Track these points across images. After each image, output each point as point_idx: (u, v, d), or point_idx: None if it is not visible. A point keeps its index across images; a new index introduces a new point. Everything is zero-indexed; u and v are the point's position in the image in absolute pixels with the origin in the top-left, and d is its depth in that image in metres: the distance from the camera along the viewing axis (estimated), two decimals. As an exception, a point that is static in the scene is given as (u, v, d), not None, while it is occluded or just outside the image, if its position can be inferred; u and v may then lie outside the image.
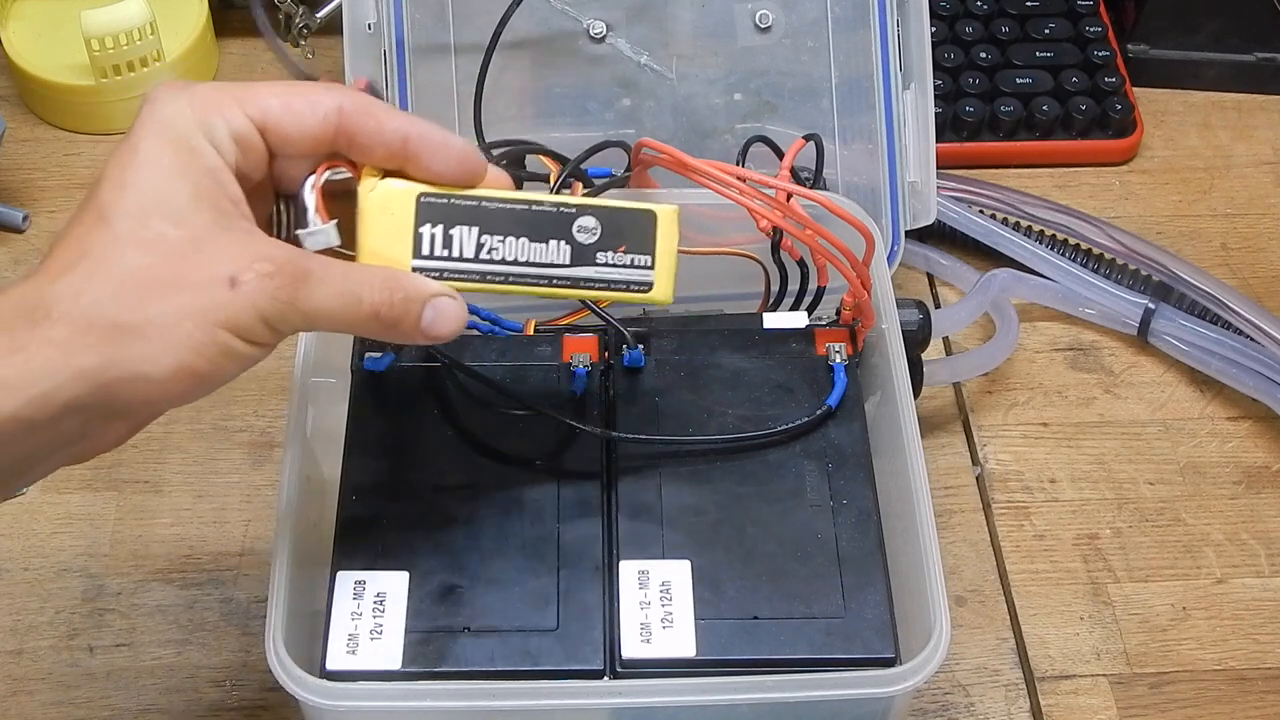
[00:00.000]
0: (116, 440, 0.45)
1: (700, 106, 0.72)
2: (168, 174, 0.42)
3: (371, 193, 0.46)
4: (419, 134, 0.45)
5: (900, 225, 0.73)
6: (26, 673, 0.63)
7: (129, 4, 0.80)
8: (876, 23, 0.72)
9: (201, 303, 0.41)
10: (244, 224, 0.43)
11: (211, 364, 0.42)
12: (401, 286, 0.45)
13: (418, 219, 0.46)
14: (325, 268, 0.44)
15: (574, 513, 0.55)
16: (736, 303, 0.66)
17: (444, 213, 0.46)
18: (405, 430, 0.57)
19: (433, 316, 0.45)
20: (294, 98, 0.44)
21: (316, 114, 0.44)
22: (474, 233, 0.47)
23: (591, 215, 0.48)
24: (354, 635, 0.51)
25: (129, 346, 0.40)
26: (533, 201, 0.47)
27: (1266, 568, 0.68)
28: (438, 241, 0.46)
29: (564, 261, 0.48)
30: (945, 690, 0.64)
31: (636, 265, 0.48)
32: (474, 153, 0.47)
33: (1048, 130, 0.85)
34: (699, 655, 0.51)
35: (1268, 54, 0.89)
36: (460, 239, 0.47)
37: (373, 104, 0.45)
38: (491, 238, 0.47)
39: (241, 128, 0.43)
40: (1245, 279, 0.80)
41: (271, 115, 0.44)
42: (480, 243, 0.47)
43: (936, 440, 0.73)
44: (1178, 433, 0.73)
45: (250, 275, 0.41)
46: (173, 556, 0.67)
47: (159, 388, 0.41)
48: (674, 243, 0.49)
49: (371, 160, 0.46)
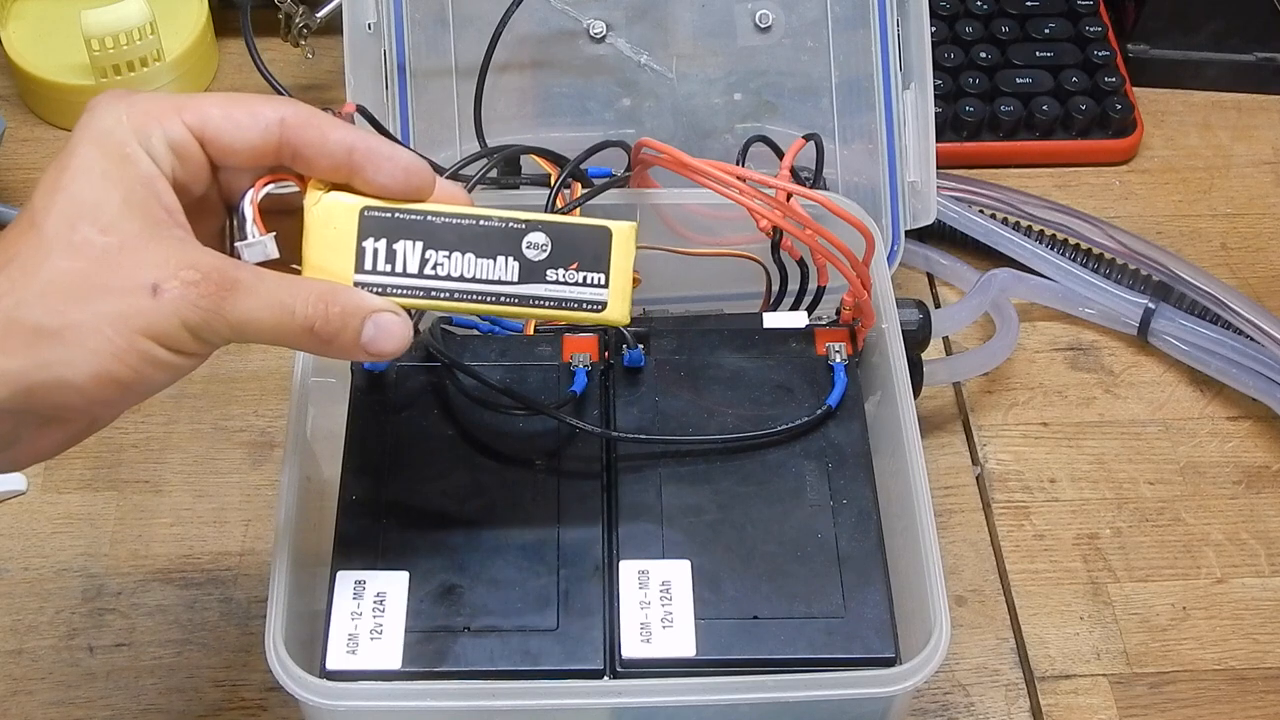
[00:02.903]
0: (53, 447, 0.45)
1: (700, 106, 0.72)
2: (99, 181, 0.41)
3: (315, 206, 0.45)
4: (364, 146, 0.44)
5: (900, 225, 0.73)
6: (26, 673, 0.63)
7: (129, 4, 0.80)
8: (876, 23, 0.72)
9: (122, 309, 0.40)
10: (177, 232, 0.42)
11: (134, 371, 0.41)
12: (339, 300, 0.44)
13: (360, 233, 0.45)
14: (257, 278, 0.43)
15: (574, 513, 0.55)
16: (736, 303, 0.66)
17: (387, 227, 0.45)
18: (405, 430, 0.57)
19: (374, 333, 0.44)
20: (235, 108, 0.43)
21: (258, 124, 0.43)
22: (418, 248, 0.45)
23: (541, 231, 0.46)
24: (354, 635, 0.51)
25: (48, 350, 0.40)
26: (480, 216, 0.46)
27: (1266, 568, 0.68)
28: (380, 256, 0.45)
29: (512, 279, 0.46)
30: (945, 690, 0.64)
31: (589, 284, 0.47)
32: (421, 166, 0.46)
33: (1048, 130, 0.85)
34: (699, 655, 0.51)
35: (1268, 54, 0.89)
36: (404, 254, 0.45)
37: (316, 115, 0.44)
38: (437, 253, 0.46)
39: (179, 136, 0.43)
40: (1245, 279, 0.80)
41: (211, 125, 0.43)
42: (425, 258, 0.46)
43: (936, 440, 0.73)
44: (1178, 433, 0.73)
45: (174, 283, 0.41)
46: (173, 556, 0.67)
47: (79, 393, 0.41)
48: (629, 261, 0.47)
49: (316, 173, 0.45)
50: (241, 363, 0.74)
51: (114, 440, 0.71)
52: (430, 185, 0.46)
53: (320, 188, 0.45)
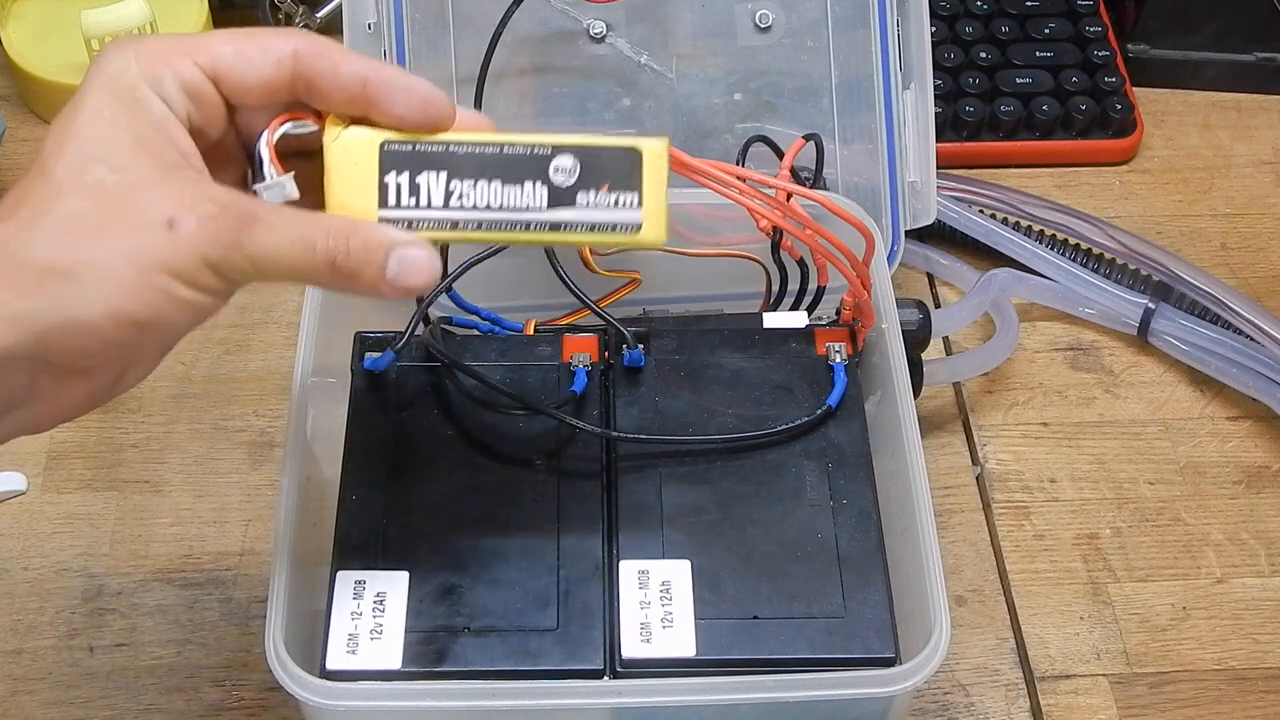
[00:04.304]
0: (75, 404, 0.43)
1: (700, 106, 0.72)
2: (109, 125, 0.40)
3: (335, 142, 0.43)
4: (379, 78, 0.43)
5: (900, 225, 0.73)
6: (26, 673, 0.63)
7: (129, 4, 0.80)
8: (876, 23, 0.72)
9: (138, 244, 0.39)
10: (191, 173, 0.41)
11: (151, 309, 0.39)
12: (360, 234, 0.42)
13: (382, 168, 0.44)
14: (276, 213, 0.41)
15: (574, 513, 0.55)
16: (736, 303, 0.66)
17: (409, 160, 0.44)
18: (405, 430, 0.57)
19: (398, 268, 0.42)
20: (246, 43, 0.42)
21: (269, 59, 0.42)
22: (442, 178, 0.44)
23: (569, 154, 0.44)
24: (354, 635, 0.51)
25: (60, 289, 0.39)
26: (504, 144, 0.44)
27: (1266, 568, 0.68)
28: (404, 191, 0.44)
29: (541, 205, 0.44)
30: (945, 690, 0.64)
31: (622, 205, 0.44)
32: (439, 97, 0.44)
33: (1048, 130, 0.85)
34: (699, 655, 0.51)
35: (1268, 54, 0.89)
36: (427, 186, 0.44)
37: (329, 46, 0.43)
38: (461, 183, 0.44)
39: (191, 77, 0.42)
40: (1245, 279, 0.80)
41: (223, 62, 0.42)
42: (449, 189, 0.44)
43: (936, 440, 0.73)
44: (1178, 433, 0.73)
45: (190, 217, 0.39)
46: (173, 556, 0.67)
47: (95, 334, 0.39)
48: (663, 180, 0.45)
49: (332, 106, 0.44)
50: (241, 363, 0.74)
51: (114, 440, 0.71)
52: (450, 116, 0.44)
53: (339, 123, 0.44)
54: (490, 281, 0.61)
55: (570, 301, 0.59)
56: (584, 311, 0.60)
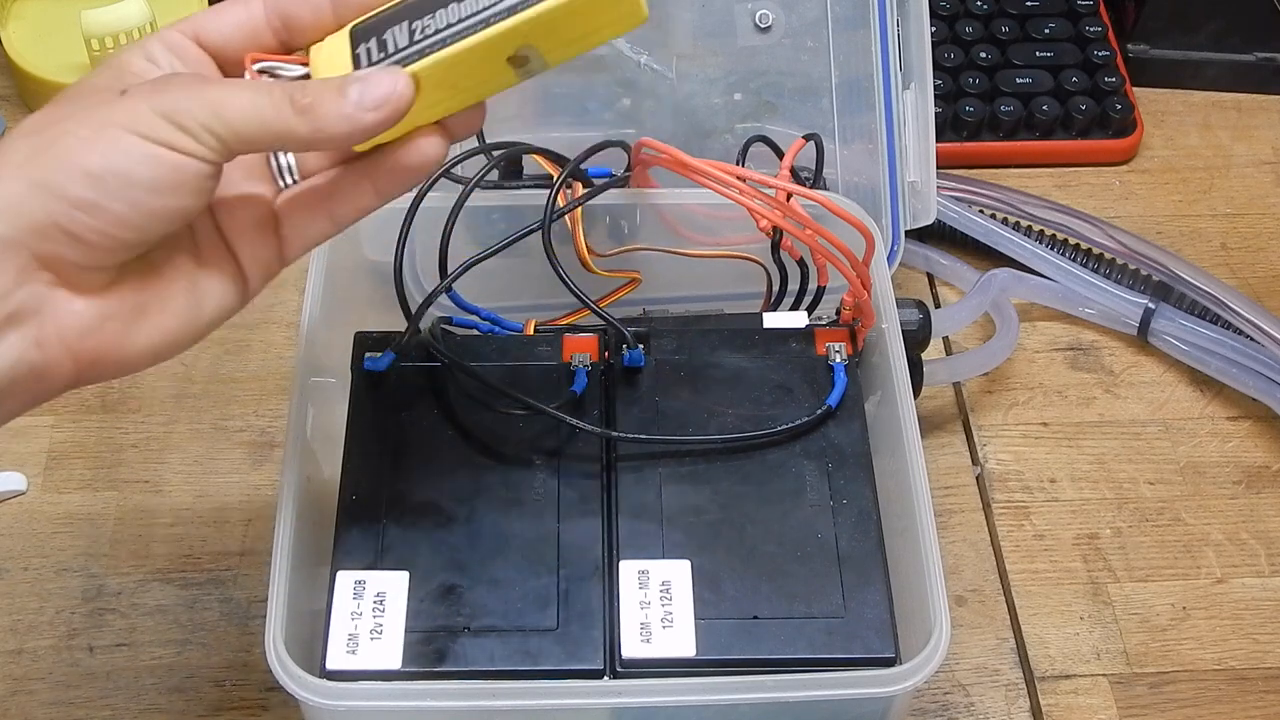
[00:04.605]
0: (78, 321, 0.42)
1: (700, 106, 0.72)
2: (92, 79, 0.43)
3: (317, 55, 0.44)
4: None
5: (900, 225, 0.73)
6: (26, 673, 0.63)
7: (129, 4, 0.80)
8: (876, 23, 0.72)
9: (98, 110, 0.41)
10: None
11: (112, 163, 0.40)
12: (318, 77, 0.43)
13: (353, 46, 0.44)
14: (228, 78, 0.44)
15: (574, 513, 0.55)
16: (736, 303, 0.66)
17: (374, 28, 0.44)
18: (405, 430, 0.57)
19: (360, 91, 0.41)
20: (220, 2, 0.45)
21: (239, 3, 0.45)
22: (404, 26, 0.43)
23: None
24: (354, 635, 0.51)
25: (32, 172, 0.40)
26: None
27: (1266, 568, 0.68)
28: (373, 52, 0.43)
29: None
30: (945, 690, 0.64)
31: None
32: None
33: (1048, 130, 0.85)
34: (699, 655, 0.51)
35: (1268, 54, 0.89)
36: (393, 37, 0.43)
37: None
38: (424, 19, 0.43)
39: (174, 39, 0.44)
40: (1245, 279, 0.80)
41: (198, 20, 0.45)
42: (413, 29, 0.43)
43: (936, 440, 0.73)
44: (1178, 433, 0.73)
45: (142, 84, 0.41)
46: (173, 556, 0.67)
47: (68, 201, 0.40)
48: None
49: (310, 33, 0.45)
50: (241, 363, 0.74)
51: (114, 440, 0.71)
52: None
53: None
54: (490, 281, 0.61)
55: (570, 301, 0.59)
56: (584, 311, 0.60)
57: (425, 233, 0.60)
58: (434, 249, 0.59)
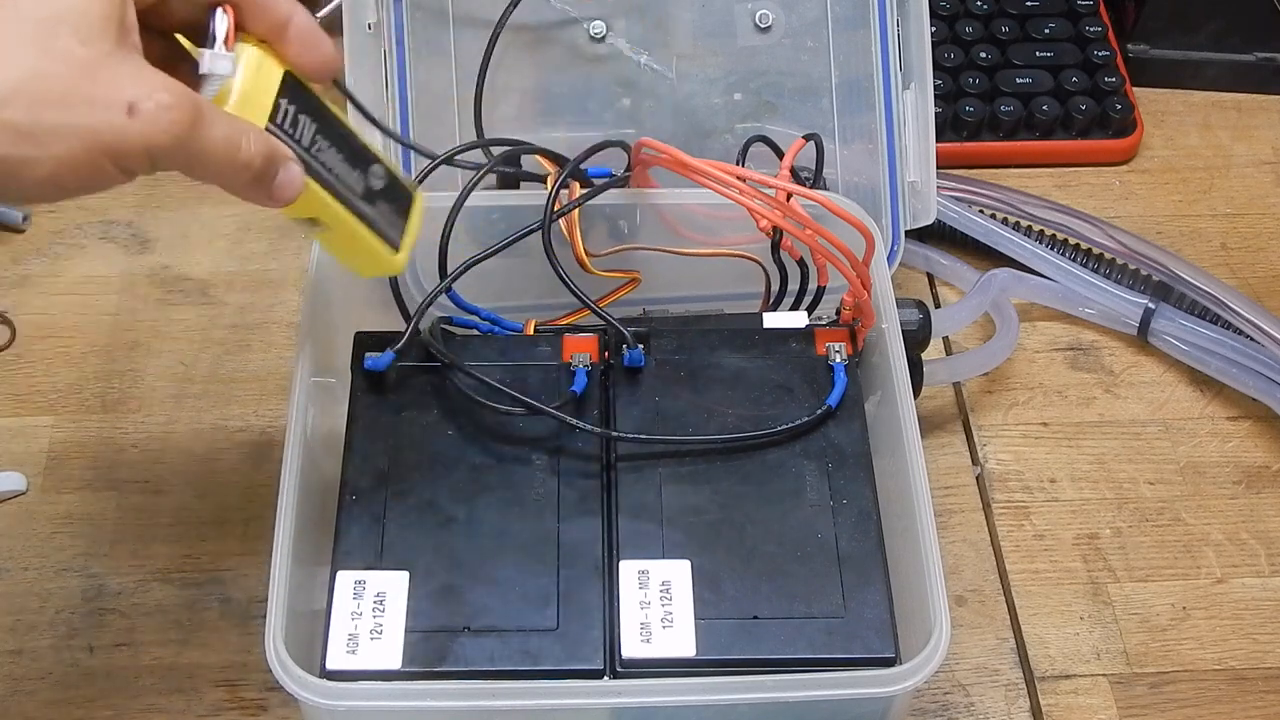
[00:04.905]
0: None
1: (700, 106, 0.72)
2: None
3: (252, 47, 0.48)
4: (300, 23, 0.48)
5: (900, 225, 0.73)
6: (26, 673, 0.63)
7: (129, 4, 0.80)
8: (876, 23, 0.72)
9: (96, 124, 0.42)
10: (138, 54, 0.44)
11: (82, 183, 0.43)
12: (270, 144, 0.47)
13: (280, 91, 0.48)
14: (214, 110, 0.45)
15: (574, 513, 0.55)
16: (736, 303, 0.66)
17: (299, 97, 0.49)
18: (405, 430, 0.57)
19: (285, 178, 0.47)
20: None
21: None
22: (313, 126, 0.50)
23: (381, 167, 0.52)
24: (354, 635, 0.51)
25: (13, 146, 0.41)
26: (356, 133, 0.52)
27: (1266, 568, 0.68)
28: (288, 118, 0.49)
29: (359, 191, 0.51)
30: (945, 690, 0.64)
31: (395, 227, 0.53)
32: (337, 59, 0.50)
33: (1048, 130, 0.85)
34: (699, 655, 0.51)
35: (1268, 54, 0.89)
36: (303, 125, 0.49)
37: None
38: (322, 139, 0.50)
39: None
40: (1245, 279, 0.80)
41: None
42: (314, 138, 0.50)
43: (936, 440, 0.73)
44: (1178, 433, 0.73)
45: (149, 104, 0.42)
46: (173, 556, 0.67)
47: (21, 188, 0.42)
48: (420, 225, 0.54)
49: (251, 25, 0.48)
50: (241, 363, 0.74)
51: (114, 440, 0.71)
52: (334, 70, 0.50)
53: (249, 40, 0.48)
54: (490, 281, 0.61)
55: (570, 301, 0.59)
56: (584, 311, 0.60)
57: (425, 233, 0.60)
58: (434, 249, 0.59)
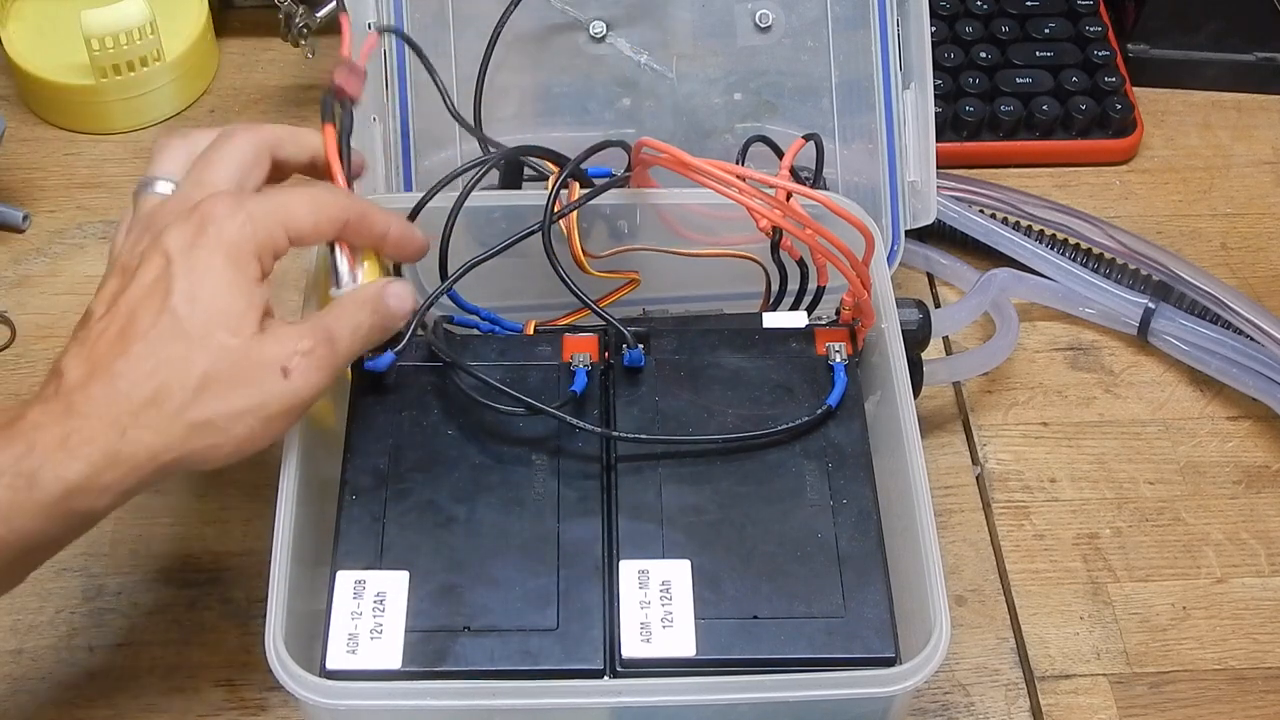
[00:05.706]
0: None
1: (700, 106, 0.72)
2: (226, 290, 0.50)
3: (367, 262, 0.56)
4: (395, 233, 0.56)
5: (900, 225, 0.73)
6: (26, 672, 0.63)
7: (129, 4, 0.80)
8: (876, 23, 0.72)
9: (264, 398, 0.50)
10: (273, 319, 0.52)
11: (262, 441, 0.51)
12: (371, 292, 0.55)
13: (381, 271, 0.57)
14: (336, 316, 0.53)
15: (574, 512, 0.55)
16: (736, 303, 0.66)
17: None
18: (405, 430, 0.57)
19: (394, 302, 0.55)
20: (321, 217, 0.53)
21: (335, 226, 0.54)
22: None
23: None
24: (354, 635, 0.51)
25: (200, 439, 0.50)
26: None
27: (1266, 568, 0.68)
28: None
29: None
30: (945, 690, 0.64)
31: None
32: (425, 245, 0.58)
33: (1048, 130, 0.85)
34: (699, 655, 0.51)
35: (1268, 54, 0.89)
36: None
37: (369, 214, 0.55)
38: None
39: (283, 250, 0.52)
40: (1245, 279, 0.80)
41: (306, 238, 0.53)
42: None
43: (936, 440, 0.73)
44: (1178, 433, 0.73)
45: (296, 359, 0.51)
46: (173, 556, 0.67)
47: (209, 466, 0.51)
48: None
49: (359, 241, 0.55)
50: (241, 363, 0.74)
51: (114, 440, 0.71)
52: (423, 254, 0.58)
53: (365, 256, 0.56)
54: (490, 281, 0.61)
55: (570, 301, 0.59)
56: (584, 311, 0.60)
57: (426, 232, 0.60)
58: (434, 249, 0.59)
